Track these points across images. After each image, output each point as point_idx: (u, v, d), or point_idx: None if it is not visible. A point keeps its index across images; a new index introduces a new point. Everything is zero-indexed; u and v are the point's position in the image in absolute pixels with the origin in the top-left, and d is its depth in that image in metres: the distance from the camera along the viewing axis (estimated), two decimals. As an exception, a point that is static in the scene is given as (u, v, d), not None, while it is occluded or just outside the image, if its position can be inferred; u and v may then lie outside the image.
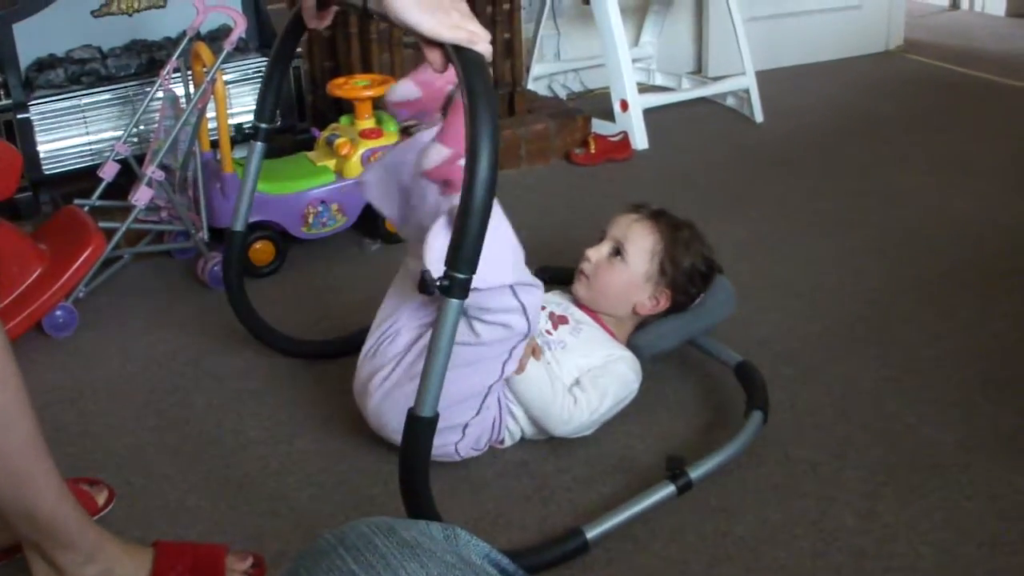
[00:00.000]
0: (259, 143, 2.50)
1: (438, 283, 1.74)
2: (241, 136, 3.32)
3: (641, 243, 2.42)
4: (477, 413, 2.13)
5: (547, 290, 2.53)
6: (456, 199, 1.94)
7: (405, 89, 2.18)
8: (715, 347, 2.52)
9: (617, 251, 2.44)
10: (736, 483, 2.15)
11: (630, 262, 2.42)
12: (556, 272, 2.66)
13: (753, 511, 2.07)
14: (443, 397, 1.85)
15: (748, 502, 2.10)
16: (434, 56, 1.82)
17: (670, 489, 2.06)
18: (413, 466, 1.84)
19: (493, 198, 1.73)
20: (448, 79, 2.11)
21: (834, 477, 2.17)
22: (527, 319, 2.03)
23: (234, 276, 2.61)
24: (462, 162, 1.95)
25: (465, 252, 1.73)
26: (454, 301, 1.76)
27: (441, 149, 1.97)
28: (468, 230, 1.72)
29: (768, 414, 2.27)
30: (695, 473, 2.09)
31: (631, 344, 2.43)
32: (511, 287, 2.01)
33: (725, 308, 2.54)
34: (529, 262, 2.85)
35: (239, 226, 2.55)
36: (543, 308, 2.38)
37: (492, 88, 1.75)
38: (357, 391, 2.27)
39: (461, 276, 1.74)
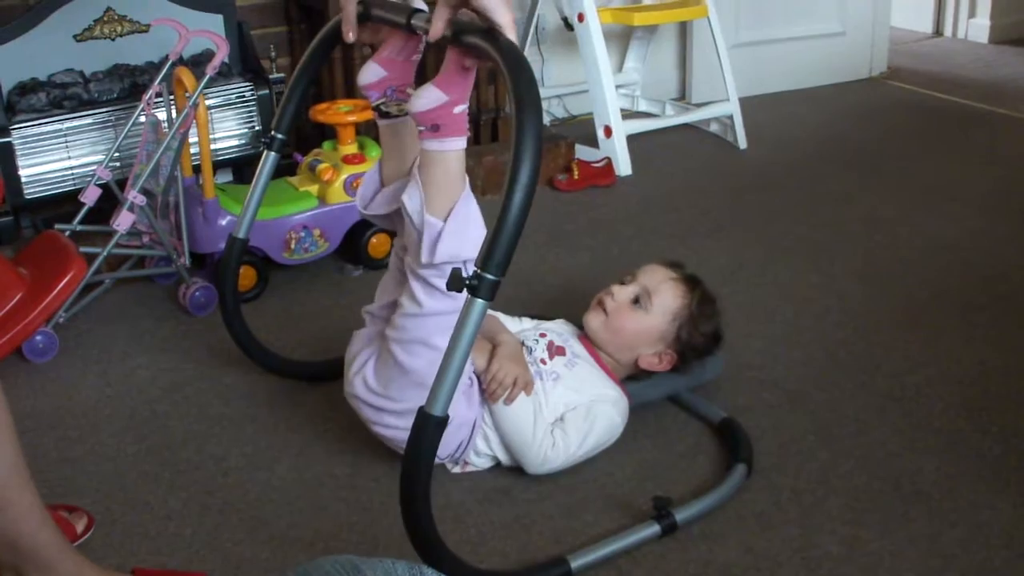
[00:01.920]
0: (272, 153, 2.48)
1: (467, 282, 1.74)
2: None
3: (669, 303, 2.42)
4: None
5: (550, 318, 2.53)
6: (432, 144, 2.02)
7: (373, 71, 2.20)
8: (699, 404, 2.51)
9: (640, 299, 2.43)
10: (719, 511, 2.14)
11: (651, 315, 2.41)
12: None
13: (736, 539, 2.06)
14: (401, 377, 1.94)
15: (731, 530, 2.09)
16: (440, 26, 1.88)
17: (655, 529, 2.06)
18: (417, 466, 1.81)
19: (531, 204, 1.73)
20: (410, 53, 2.19)
21: (818, 504, 2.16)
22: None
23: (229, 284, 2.57)
24: (457, 109, 2.01)
25: (498, 254, 1.72)
26: (480, 301, 1.75)
27: (437, 93, 2.00)
28: (504, 233, 1.72)
29: (752, 469, 2.26)
30: (681, 515, 2.09)
31: None
32: (463, 262, 2.04)
33: (712, 370, 2.55)
34: (510, 297, 2.86)
35: (242, 233, 2.53)
36: (543, 335, 2.40)
37: (540, 100, 1.78)
38: (347, 360, 2.29)
39: (491, 278, 1.73)
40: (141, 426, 2.48)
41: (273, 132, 2.45)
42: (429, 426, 1.80)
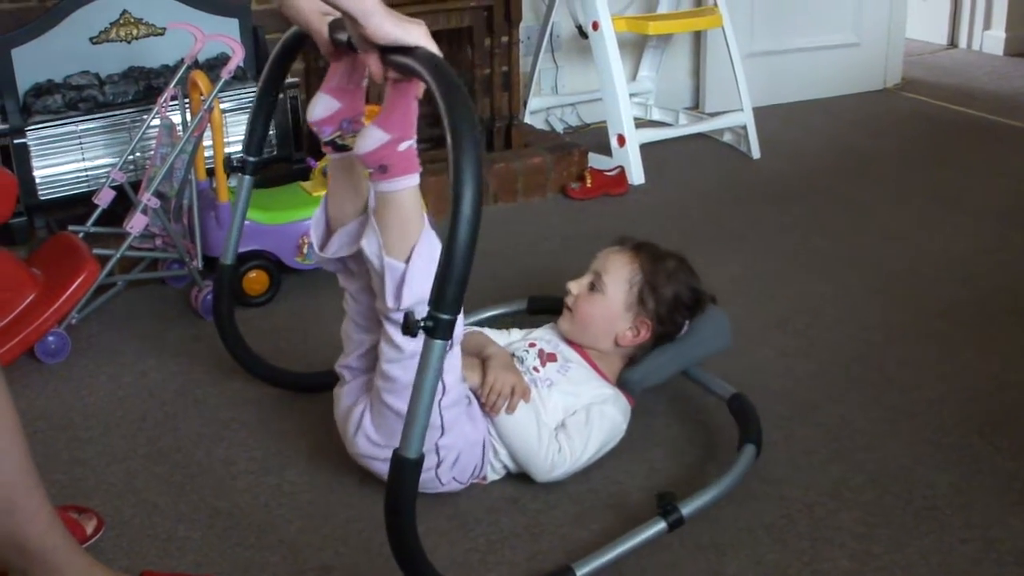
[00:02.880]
0: (247, 176, 2.47)
1: (422, 324, 1.69)
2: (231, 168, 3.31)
3: (618, 273, 2.41)
4: (442, 433, 2.11)
5: (537, 325, 2.54)
6: (383, 185, 1.97)
7: (325, 104, 2.13)
8: (708, 379, 2.50)
9: (595, 283, 2.43)
10: (729, 521, 2.13)
11: (608, 292, 2.41)
12: (544, 302, 2.64)
13: (746, 550, 2.06)
14: (401, 424, 1.83)
15: (741, 541, 2.08)
16: (377, 67, 1.87)
17: (661, 526, 2.05)
18: (399, 507, 1.79)
19: (477, 238, 1.67)
20: (360, 78, 2.12)
21: (829, 518, 2.15)
22: None
23: (224, 309, 2.60)
24: (403, 146, 1.96)
25: (450, 293, 1.67)
26: (438, 342, 1.70)
27: (379, 133, 1.96)
28: (453, 271, 1.66)
29: (761, 448, 2.26)
30: (687, 509, 2.08)
31: (622, 379, 2.42)
32: None
33: (718, 340, 2.53)
34: (520, 294, 2.86)
35: (229, 259, 2.54)
36: (533, 345, 2.40)
37: (476, 122, 1.71)
38: (339, 421, 2.27)
39: (446, 317, 1.68)
40: (152, 428, 2.49)
41: (244, 156, 2.45)
42: (406, 469, 1.77)
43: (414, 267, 1.99)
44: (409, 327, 1.69)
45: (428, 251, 2.00)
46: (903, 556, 2.04)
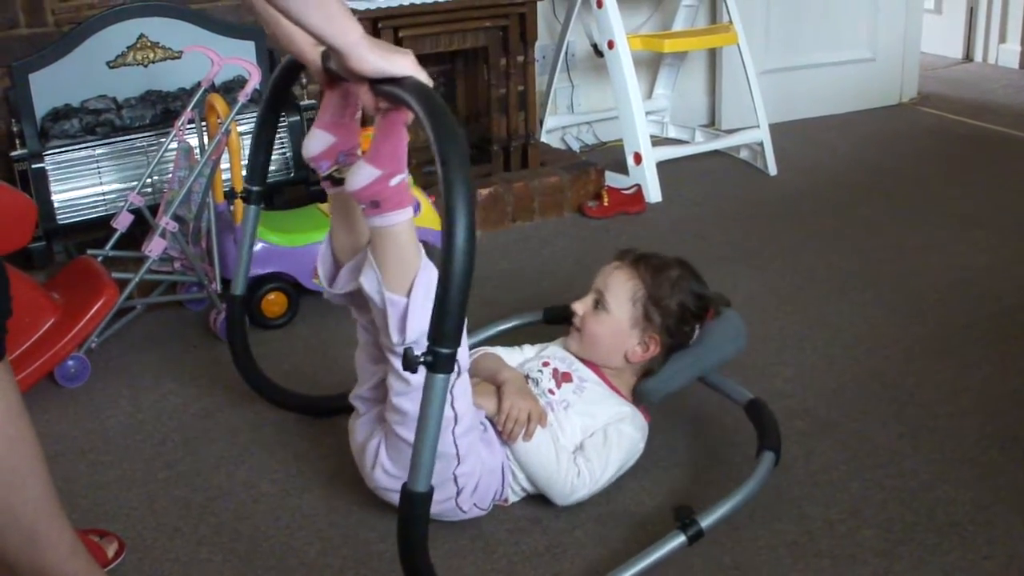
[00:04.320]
0: (253, 207, 2.46)
1: (421, 359, 1.67)
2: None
3: (620, 290, 2.39)
4: (459, 462, 2.10)
5: (553, 336, 2.52)
6: (376, 220, 1.96)
7: (320, 139, 2.13)
8: (726, 384, 2.49)
9: (599, 302, 2.41)
10: (750, 540, 2.13)
11: (612, 310, 2.38)
12: (559, 311, 2.63)
13: (768, 569, 2.05)
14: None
15: (762, 560, 2.08)
16: (369, 99, 1.86)
17: (680, 539, 2.04)
18: (411, 541, 1.79)
19: (472, 269, 1.65)
20: (353, 111, 2.12)
21: (850, 535, 2.14)
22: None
23: (238, 338, 2.60)
24: (394, 181, 1.94)
25: (448, 327, 1.65)
26: (439, 376, 1.69)
27: (369, 169, 1.95)
28: (450, 304, 1.64)
29: (780, 455, 2.25)
30: (705, 521, 2.07)
31: (638, 390, 2.41)
32: None
33: (735, 343, 2.50)
34: (538, 323, 2.85)
35: (239, 290, 2.54)
36: (547, 364, 2.39)
37: (466, 151, 1.68)
38: (355, 453, 2.28)
39: (445, 351, 1.66)
40: (172, 452, 2.49)
41: (247, 186, 2.45)
42: (415, 503, 1.77)
43: (415, 301, 1.98)
44: (409, 363, 1.68)
45: (427, 283, 1.98)
46: (925, 573, 2.03)
